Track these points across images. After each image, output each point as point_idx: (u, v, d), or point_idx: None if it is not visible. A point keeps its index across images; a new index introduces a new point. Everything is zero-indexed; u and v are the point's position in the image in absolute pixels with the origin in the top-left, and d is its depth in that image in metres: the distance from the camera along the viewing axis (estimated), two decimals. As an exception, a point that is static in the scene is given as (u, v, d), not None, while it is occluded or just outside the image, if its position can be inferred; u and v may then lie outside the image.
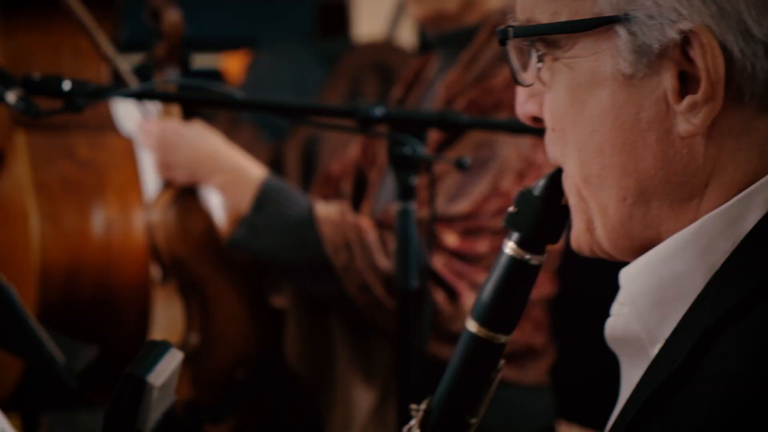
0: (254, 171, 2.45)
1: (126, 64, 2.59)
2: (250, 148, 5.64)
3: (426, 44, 5.39)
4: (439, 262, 2.39)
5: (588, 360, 2.27)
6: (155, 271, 2.59)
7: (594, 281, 1.29)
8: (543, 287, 2.54)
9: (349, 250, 2.37)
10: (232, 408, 2.53)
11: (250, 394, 2.55)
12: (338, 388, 2.51)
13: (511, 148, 2.40)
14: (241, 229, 2.41)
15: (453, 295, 2.40)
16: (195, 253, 2.49)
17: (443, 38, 2.60)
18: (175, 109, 2.53)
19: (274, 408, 2.54)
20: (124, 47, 2.98)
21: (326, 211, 2.42)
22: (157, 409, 1.34)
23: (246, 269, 2.55)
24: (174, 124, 2.48)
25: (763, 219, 1.11)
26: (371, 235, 2.40)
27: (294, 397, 2.59)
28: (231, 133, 5.66)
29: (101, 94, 2.05)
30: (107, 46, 2.41)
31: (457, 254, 2.42)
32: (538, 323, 2.55)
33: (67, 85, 2.01)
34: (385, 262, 2.38)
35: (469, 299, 2.40)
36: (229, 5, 6.21)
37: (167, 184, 2.51)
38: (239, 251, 2.47)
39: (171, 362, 1.35)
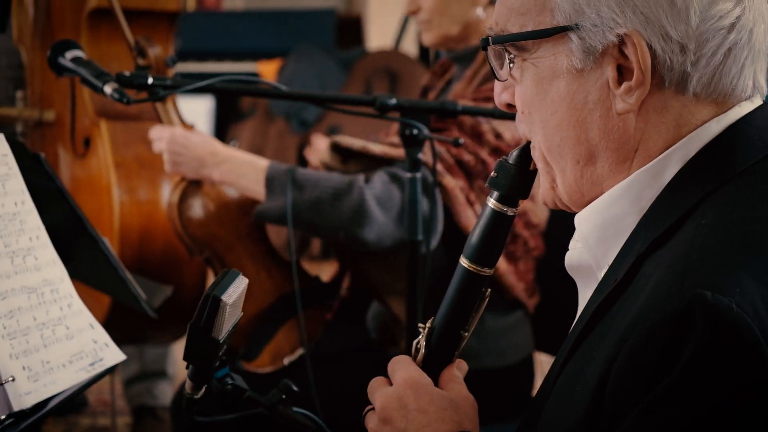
0: (257, 161, 2.48)
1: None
2: (282, 138, 5.75)
3: (425, 54, 5.46)
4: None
5: (563, 305, 2.31)
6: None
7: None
8: (530, 244, 2.58)
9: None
10: (263, 344, 2.56)
11: (276, 329, 2.57)
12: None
13: None
14: (268, 206, 2.41)
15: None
16: (210, 231, 2.54)
17: (455, 57, 2.64)
18: (176, 117, 2.61)
19: (304, 339, 2.53)
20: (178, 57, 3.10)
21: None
22: (229, 322, 1.48)
23: (255, 236, 2.59)
24: (181, 130, 2.51)
25: (678, 173, 1.23)
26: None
27: (316, 324, 2.61)
28: (267, 124, 5.77)
29: (177, 87, 2.13)
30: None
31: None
32: (521, 273, 2.57)
33: (150, 80, 2.11)
34: None
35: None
36: (264, 22, 6.31)
37: (180, 178, 2.56)
38: (269, 222, 2.48)
39: (240, 285, 1.47)
